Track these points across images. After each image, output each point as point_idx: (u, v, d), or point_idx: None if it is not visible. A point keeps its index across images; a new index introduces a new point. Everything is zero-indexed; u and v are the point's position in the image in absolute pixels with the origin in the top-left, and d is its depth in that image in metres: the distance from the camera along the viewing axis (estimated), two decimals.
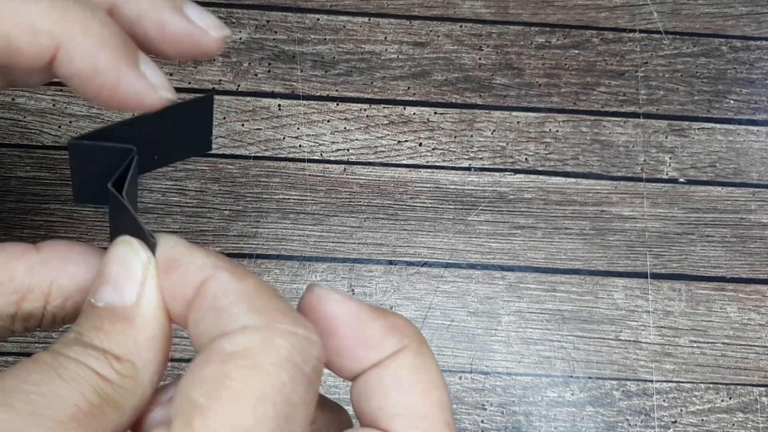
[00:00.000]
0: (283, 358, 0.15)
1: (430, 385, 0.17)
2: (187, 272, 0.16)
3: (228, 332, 0.15)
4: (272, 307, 0.16)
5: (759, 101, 0.47)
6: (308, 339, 0.15)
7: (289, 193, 0.43)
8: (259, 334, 0.15)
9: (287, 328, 0.15)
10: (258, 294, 0.16)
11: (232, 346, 0.15)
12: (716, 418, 0.42)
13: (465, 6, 0.48)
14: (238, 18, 0.46)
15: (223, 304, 0.16)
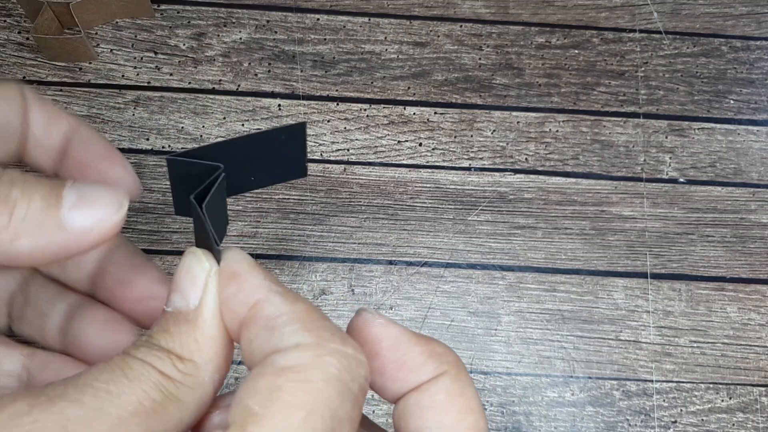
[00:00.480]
0: (332, 375, 0.16)
1: (466, 408, 0.18)
2: (243, 288, 0.18)
3: (281, 349, 0.16)
4: (322, 327, 0.17)
5: (759, 101, 0.47)
6: (356, 358, 0.16)
7: (289, 193, 0.43)
8: (311, 351, 0.16)
9: (337, 347, 0.16)
10: (309, 315, 0.17)
11: (285, 361, 0.16)
12: (716, 418, 0.42)
13: (465, 6, 0.48)
14: (238, 18, 0.46)
15: (277, 324, 0.17)
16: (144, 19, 0.46)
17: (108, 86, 0.44)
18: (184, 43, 0.45)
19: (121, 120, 0.44)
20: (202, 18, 0.46)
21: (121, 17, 0.46)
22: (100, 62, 0.45)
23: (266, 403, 0.15)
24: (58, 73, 0.44)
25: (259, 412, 0.15)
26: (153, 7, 0.46)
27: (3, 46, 0.44)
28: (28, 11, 0.43)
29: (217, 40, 0.46)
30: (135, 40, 0.45)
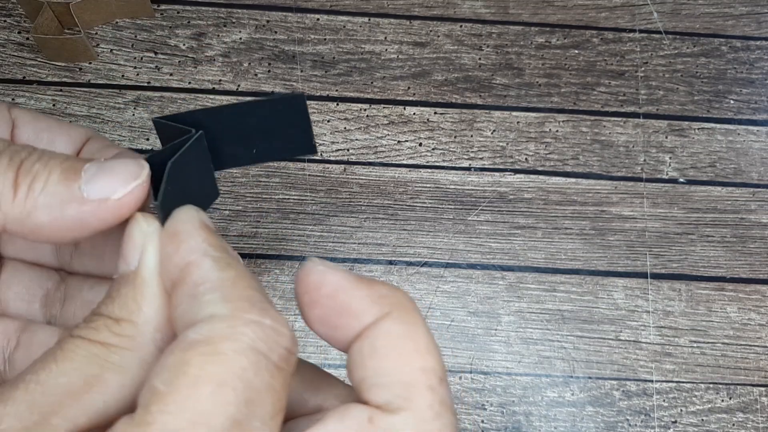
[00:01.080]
0: (245, 346, 0.15)
1: (410, 351, 0.17)
2: (179, 249, 0.17)
3: (196, 321, 0.16)
4: (243, 298, 0.16)
5: (759, 101, 0.47)
6: (275, 329, 0.16)
7: (289, 193, 0.43)
8: (224, 322, 0.15)
9: (253, 317, 0.15)
10: (234, 284, 0.16)
11: (196, 335, 0.15)
12: (716, 418, 0.42)
13: (465, 6, 0.48)
14: (238, 18, 0.46)
15: (199, 291, 0.16)
16: (144, 19, 0.46)
17: (108, 86, 0.44)
18: (184, 43, 0.45)
19: (121, 120, 0.44)
20: (202, 18, 0.46)
21: (121, 17, 0.46)
22: (100, 62, 0.45)
23: (172, 381, 0.15)
24: (58, 73, 0.44)
25: (163, 391, 0.14)
26: (153, 7, 0.46)
27: (3, 46, 0.44)
28: (28, 11, 0.43)
29: (217, 40, 0.46)
30: (135, 40, 0.45)
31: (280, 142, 0.20)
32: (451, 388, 0.41)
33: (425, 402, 0.16)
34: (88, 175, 0.18)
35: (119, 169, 0.18)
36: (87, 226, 0.18)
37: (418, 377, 0.16)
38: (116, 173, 0.18)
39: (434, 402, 0.16)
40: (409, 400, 0.16)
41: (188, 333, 0.15)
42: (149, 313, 0.17)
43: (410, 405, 0.16)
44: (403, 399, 0.16)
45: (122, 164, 0.18)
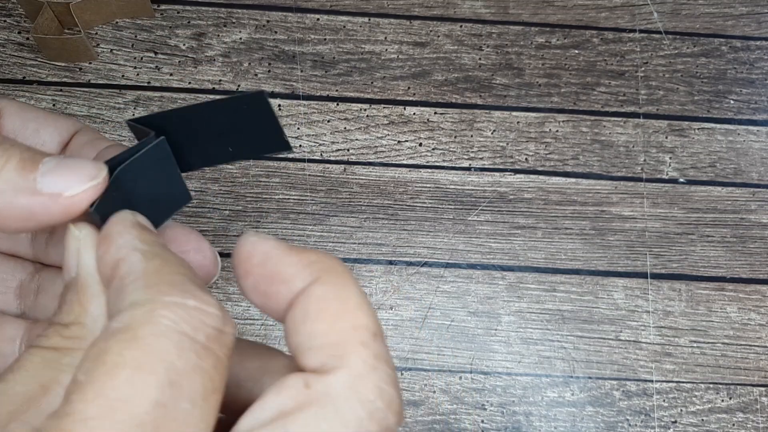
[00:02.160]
0: (164, 328, 0.15)
1: (341, 311, 0.16)
2: (110, 249, 0.17)
3: (119, 310, 0.16)
4: (165, 282, 0.16)
5: (759, 101, 0.47)
6: (200, 309, 0.15)
7: (289, 193, 0.43)
8: (143, 308, 0.15)
9: (173, 299, 0.15)
10: (157, 271, 0.16)
11: (116, 324, 0.15)
12: (716, 418, 0.42)
13: (465, 6, 0.48)
14: (238, 18, 0.46)
15: (124, 284, 0.16)
16: (144, 19, 0.46)
17: (108, 86, 0.44)
18: (184, 43, 0.45)
19: (121, 120, 0.44)
20: (202, 18, 0.46)
21: (121, 17, 0.46)
22: (100, 62, 0.45)
23: (91, 370, 0.14)
24: (58, 73, 0.44)
25: (83, 380, 0.14)
26: (153, 7, 0.46)
27: (3, 46, 0.44)
28: (28, 11, 0.43)
29: (217, 40, 0.46)
30: (135, 40, 0.45)
31: (250, 140, 0.20)
32: (450, 388, 0.41)
33: (359, 358, 0.16)
34: (45, 168, 0.18)
35: (78, 167, 0.18)
36: (35, 219, 0.18)
37: (349, 335, 0.16)
38: (74, 171, 0.18)
39: (368, 357, 0.16)
40: (343, 358, 0.16)
41: (110, 323, 0.15)
42: (95, 313, 0.18)
43: (344, 363, 0.16)
44: (337, 358, 0.16)
45: (81, 163, 0.18)
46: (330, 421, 0.15)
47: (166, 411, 0.14)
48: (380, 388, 0.16)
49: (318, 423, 0.15)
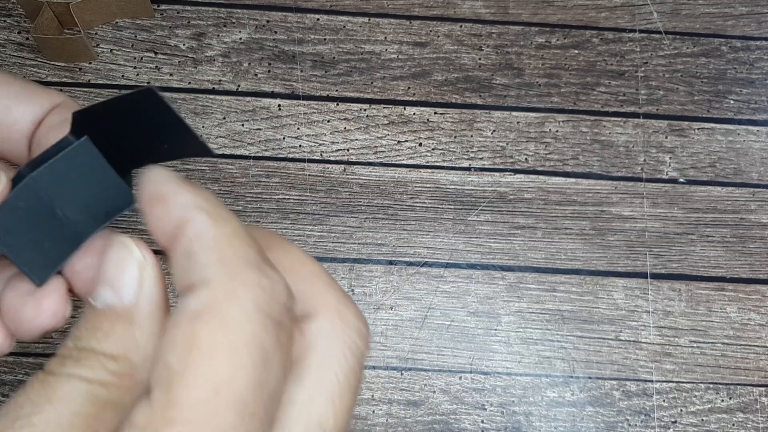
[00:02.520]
0: (249, 309, 0.15)
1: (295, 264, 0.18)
2: (171, 209, 0.16)
3: (193, 285, 0.15)
4: (240, 258, 0.16)
5: (759, 101, 0.47)
6: (272, 286, 0.16)
7: (289, 193, 0.43)
8: (222, 287, 0.15)
9: (252, 277, 0.15)
10: (230, 241, 0.16)
11: (197, 304, 0.15)
12: (716, 418, 0.42)
13: (465, 6, 0.48)
14: (238, 18, 0.46)
15: (194, 249, 0.16)
16: (144, 19, 0.46)
17: (108, 86, 0.44)
18: (184, 43, 0.45)
19: None
20: (202, 18, 0.46)
21: (121, 17, 0.46)
22: (100, 62, 0.45)
23: (186, 357, 0.14)
24: (58, 73, 0.44)
25: (180, 368, 0.14)
26: (153, 7, 0.46)
27: (3, 46, 0.44)
28: (28, 11, 0.43)
29: (217, 40, 0.46)
30: (135, 40, 0.45)
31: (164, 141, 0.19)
32: (450, 388, 0.41)
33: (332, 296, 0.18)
34: None
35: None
36: None
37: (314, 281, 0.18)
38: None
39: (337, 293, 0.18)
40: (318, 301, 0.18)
41: (189, 301, 0.15)
42: (147, 351, 0.17)
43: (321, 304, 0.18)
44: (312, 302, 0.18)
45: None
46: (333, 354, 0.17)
47: (262, 390, 0.15)
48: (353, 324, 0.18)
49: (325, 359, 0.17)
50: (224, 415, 0.14)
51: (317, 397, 0.17)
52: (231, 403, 0.14)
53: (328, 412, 0.17)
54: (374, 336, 0.42)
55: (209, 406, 0.14)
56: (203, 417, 0.14)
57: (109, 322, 0.17)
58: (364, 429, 0.40)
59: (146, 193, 0.17)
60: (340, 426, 0.17)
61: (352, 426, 0.41)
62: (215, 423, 0.14)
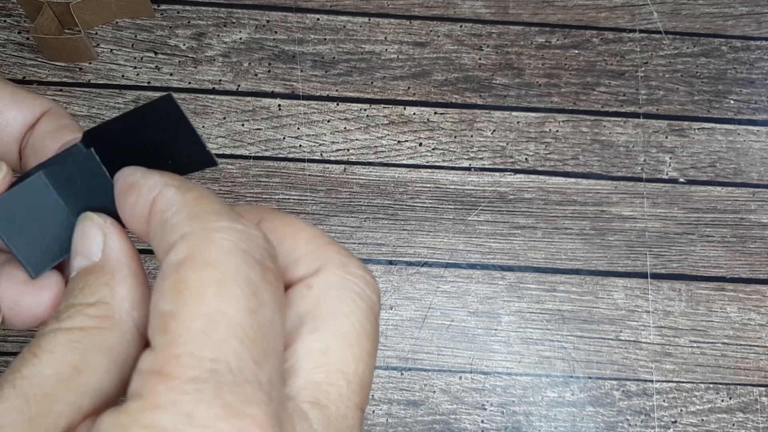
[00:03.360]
0: (226, 247, 0.16)
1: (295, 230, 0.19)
2: (141, 192, 0.18)
3: (171, 244, 0.16)
4: (210, 211, 0.16)
5: (759, 101, 0.47)
6: (248, 232, 0.16)
7: (289, 193, 0.43)
8: (197, 236, 0.16)
9: (224, 224, 0.16)
10: (197, 202, 0.17)
11: (177, 255, 0.16)
12: (716, 418, 0.42)
13: (465, 6, 0.48)
14: (238, 18, 0.46)
15: (167, 216, 0.17)
16: (144, 19, 0.46)
17: (108, 86, 0.44)
18: (184, 43, 0.45)
19: None
20: (202, 18, 0.46)
21: (121, 17, 0.46)
22: (100, 62, 0.45)
23: (176, 298, 0.15)
24: (58, 73, 0.44)
25: (173, 309, 0.15)
26: (153, 7, 0.46)
27: (3, 46, 0.44)
28: (28, 11, 0.43)
29: (217, 40, 0.46)
30: (135, 40, 0.45)
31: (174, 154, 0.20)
32: (450, 388, 0.41)
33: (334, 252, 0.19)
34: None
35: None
36: None
37: (316, 243, 0.19)
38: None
39: (339, 249, 0.19)
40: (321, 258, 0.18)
41: (170, 257, 0.16)
42: (123, 293, 0.18)
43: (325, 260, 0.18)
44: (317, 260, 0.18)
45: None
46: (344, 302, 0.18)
47: (257, 318, 0.15)
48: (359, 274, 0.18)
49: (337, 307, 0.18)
50: (226, 343, 0.15)
51: (335, 344, 0.17)
52: (230, 331, 0.15)
53: (348, 358, 0.17)
54: None
55: (209, 336, 0.15)
56: (206, 347, 0.14)
57: (82, 280, 0.18)
58: (363, 429, 0.40)
59: (118, 187, 0.18)
60: (361, 372, 0.17)
61: None
62: (219, 351, 0.14)
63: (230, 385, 0.14)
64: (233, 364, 0.14)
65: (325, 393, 0.17)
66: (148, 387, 0.14)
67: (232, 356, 0.15)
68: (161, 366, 0.15)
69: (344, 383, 0.17)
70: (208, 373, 0.14)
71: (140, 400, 0.14)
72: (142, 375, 0.15)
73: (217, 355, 0.14)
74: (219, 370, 0.14)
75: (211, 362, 0.14)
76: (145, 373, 0.15)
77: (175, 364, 0.14)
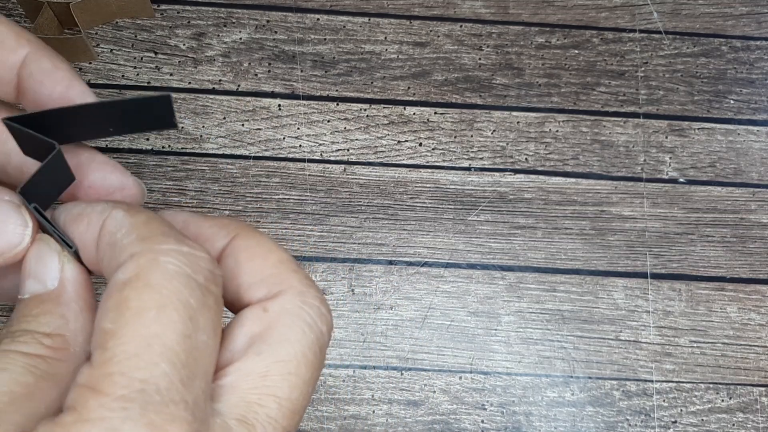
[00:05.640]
0: (170, 271, 0.16)
1: (265, 251, 0.20)
2: (91, 218, 0.18)
3: (120, 263, 0.17)
4: (158, 233, 0.17)
5: (759, 101, 0.47)
6: (193, 254, 0.17)
7: (289, 193, 0.43)
8: (145, 257, 0.17)
9: (171, 247, 0.17)
10: (146, 225, 0.18)
11: (124, 275, 0.16)
12: (716, 418, 0.42)
13: (465, 6, 0.48)
14: (238, 18, 0.46)
15: (117, 238, 0.17)
16: (144, 19, 0.46)
17: (108, 86, 0.44)
18: (184, 43, 0.45)
19: None
20: (202, 18, 0.46)
21: (121, 17, 0.46)
22: (100, 62, 0.45)
23: (117, 318, 0.16)
24: None
25: (113, 328, 0.16)
26: (153, 7, 0.46)
27: None
28: (28, 11, 0.43)
29: (217, 40, 0.46)
30: (135, 40, 0.45)
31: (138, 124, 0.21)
32: (450, 388, 0.41)
33: (296, 280, 0.19)
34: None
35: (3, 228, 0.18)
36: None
37: (281, 266, 0.20)
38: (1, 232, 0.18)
39: (302, 277, 0.20)
40: (284, 283, 0.19)
41: (117, 276, 0.16)
42: (77, 327, 0.18)
43: (286, 286, 0.19)
44: (278, 284, 0.19)
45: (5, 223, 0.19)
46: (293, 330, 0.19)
47: (191, 342, 0.16)
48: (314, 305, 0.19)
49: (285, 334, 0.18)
50: (157, 365, 0.15)
51: (274, 369, 0.18)
52: (163, 354, 0.16)
53: (284, 384, 0.18)
54: (374, 336, 0.42)
55: (143, 358, 0.15)
56: (138, 368, 0.15)
57: (37, 307, 0.18)
58: (364, 429, 0.40)
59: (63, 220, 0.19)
60: (295, 398, 0.18)
61: (310, 403, 0.41)
62: (149, 372, 0.15)
63: (156, 405, 0.15)
64: (162, 385, 0.15)
65: (254, 413, 0.18)
66: (81, 401, 0.15)
67: (161, 378, 0.15)
68: (95, 382, 0.15)
69: (275, 407, 0.18)
70: (136, 393, 0.15)
71: (74, 413, 0.15)
72: (78, 388, 0.16)
73: (147, 376, 0.15)
74: (147, 390, 0.15)
75: (141, 383, 0.15)
76: (81, 387, 0.16)
77: (108, 381, 0.15)
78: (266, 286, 0.19)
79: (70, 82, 0.22)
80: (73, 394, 0.16)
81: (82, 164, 0.22)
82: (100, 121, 0.21)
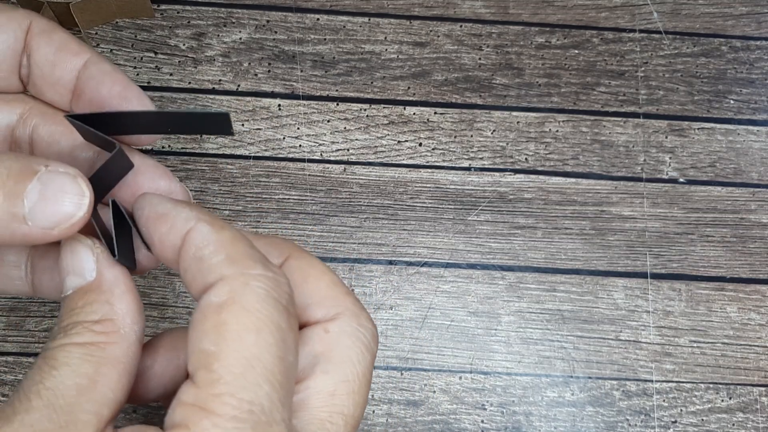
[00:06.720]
0: (262, 296, 0.18)
1: (319, 273, 0.21)
2: (175, 224, 0.19)
3: (211, 284, 0.18)
4: (245, 256, 0.18)
5: (759, 101, 0.47)
6: (276, 279, 0.18)
7: (289, 193, 0.43)
8: (237, 281, 0.18)
9: (259, 272, 0.18)
10: (233, 244, 0.19)
11: (218, 298, 0.18)
12: (716, 418, 0.42)
13: (465, 6, 0.48)
14: (238, 18, 0.46)
15: (204, 254, 0.18)
16: (144, 19, 0.46)
17: None
18: (184, 43, 0.45)
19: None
20: (202, 18, 0.46)
21: (121, 17, 0.46)
22: None
23: (219, 340, 0.17)
24: None
25: (215, 350, 0.17)
26: (153, 7, 0.46)
27: None
28: None
29: (217, 40, 0.46)
30: (135, 40, 0.45)
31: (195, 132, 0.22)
32: (450, 388, 0.41)
33: (351, 302, 0.21)
34: (30, 202, 0.18)
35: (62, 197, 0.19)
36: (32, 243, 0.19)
37: (336, 289, 0.21)
38: (59, 203, 0.19)
39: (355, 300, 0.21)
40: (339, 306, 0.21)
41: (210, 297, 0.18)
42: (123, 309, 0.19)
43: (343, 308, 0.21)
44: (335, 307, 0.21)
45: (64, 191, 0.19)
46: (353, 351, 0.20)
47: (284, 363, 0.18)
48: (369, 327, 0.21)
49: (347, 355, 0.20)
50: (261, 386, 0.17)
51: (341, 388, 0.20)
52: (264, 376, 0.17)
53: (349, 402, 0.20)
54: None
55: (248, 380, 0.17)
56: (245, 389, 0.17)
57: (82, 299, 0.19)
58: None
59: (147, 214, 0.20)
60: (356, 414, 0.20)
61: None
62: (255, 393, 0.17)
63: (263, 425, 0.17)
64: (266, 405, 0.17)
65: (326, 430, 0.19)
66: (194, 419, 0.17)
67: (265, 398, 0.17)
68: (205, 402, 0.17)
69: (342, 423, 0.20)
70: (246, 413, 0.16)
71: (186, 430, 0.17)
72: (187, 408, 0.17)
73: (253, 398, 0.17)
74: (255, 411, 0.17)
75: (249, 404, 0.17)
76: (190, 407, 0.17)
77: (219, 402, 0.16)
78: (324, 307, 0.21)
79: (128, 83, 0.23)
80: (181, 412, 0.17)
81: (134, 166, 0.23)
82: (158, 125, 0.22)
